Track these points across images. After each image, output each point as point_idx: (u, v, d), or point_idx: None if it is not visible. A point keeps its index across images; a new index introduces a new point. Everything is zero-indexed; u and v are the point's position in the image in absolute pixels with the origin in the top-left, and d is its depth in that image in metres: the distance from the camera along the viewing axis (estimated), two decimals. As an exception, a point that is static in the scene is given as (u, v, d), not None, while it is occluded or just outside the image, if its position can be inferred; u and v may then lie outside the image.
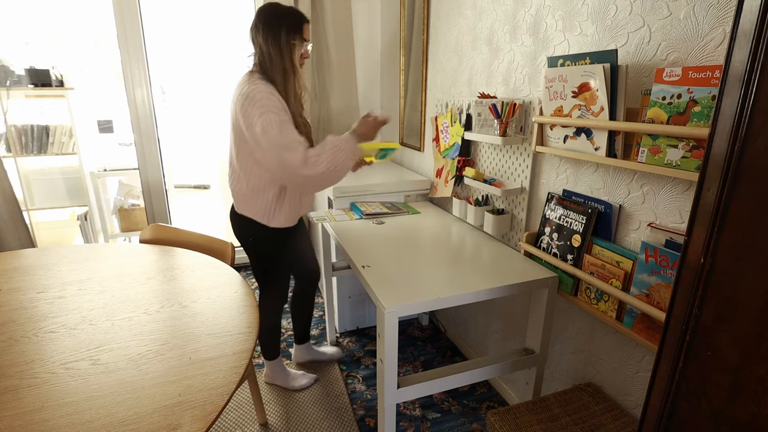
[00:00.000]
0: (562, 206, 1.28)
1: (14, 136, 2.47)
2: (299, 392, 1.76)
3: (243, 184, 1.39)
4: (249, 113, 1.24)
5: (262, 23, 1.30)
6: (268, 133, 1.23)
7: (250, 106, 1.24)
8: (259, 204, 1.41)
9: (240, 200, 1.43)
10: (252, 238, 1.49)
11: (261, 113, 1.23)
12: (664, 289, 0.97)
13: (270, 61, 1.31)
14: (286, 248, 1.55)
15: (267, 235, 1.47)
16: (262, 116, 1.23)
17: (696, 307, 0.57)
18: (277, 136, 1.24)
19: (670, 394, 0.62)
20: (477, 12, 1.68)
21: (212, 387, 0.77)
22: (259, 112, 1.23)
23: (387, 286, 1.20)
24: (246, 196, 1.41)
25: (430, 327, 2.29)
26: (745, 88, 0.48)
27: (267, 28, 1.29)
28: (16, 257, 1.35)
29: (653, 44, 1.00)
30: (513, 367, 1.35)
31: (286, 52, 1.31)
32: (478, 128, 1.60)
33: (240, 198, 1.43)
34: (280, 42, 1.30)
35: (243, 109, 1.26)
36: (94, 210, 2.80)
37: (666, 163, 0.94)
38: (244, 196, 1.41)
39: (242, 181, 1.39)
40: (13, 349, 0.88)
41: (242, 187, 1.40)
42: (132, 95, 2.42)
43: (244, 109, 1.26)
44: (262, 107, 1.24)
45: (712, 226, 0.54)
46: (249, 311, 1.03)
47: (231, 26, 2.95)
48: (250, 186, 1.38)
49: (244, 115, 1.26)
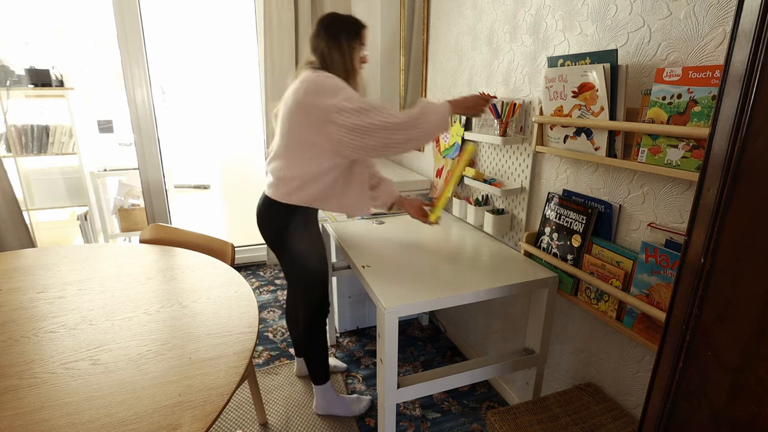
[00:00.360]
0: (562, 206, 1.28)
1: (14, 136, 2.47)
2: (299, 392, 1.76)
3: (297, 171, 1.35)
4: (325, 90, 1.26)
5: (323, 29, 1.36)
6: (352, 98, 1.25)
7: (324, 87, 1.27)
8: (318, 188, 1.37)
9: (289, 188, 1.37)
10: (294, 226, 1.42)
11: (339, 89, 1.27)
12: (664, 289, 0.97)
13: (331, 61, 1.35)
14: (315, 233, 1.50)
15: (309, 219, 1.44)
16: (342, 90, 1.26)
17: (696, 307, 0.57)
18: (359, 100, 1.26)
19: (670, 394, 0.62)
20: (477, 12, 1.68)
21: (212, 387, 0.77)
22: (336, 89, 1.26)
23: (387, 286, 1.20)
24: (300, 182, 1.36)
25: (430, 327, 2.29)
26: (745, 88, 0.48)
27: (327, 33, 1.35)
28: (16, 257, 1.35)
29: (653, 44, 1.00)
30: (513, 367, 1.35)
31: (347, 53, 1.36)
32: (478, 128, 1.60)
33: (290, 185, 1.37)
34: (341, 44, 1.35)
35: (313, 91, 1.27)
36: (94, 210, 2.80)
37: (666, 163, 0.94)
38: (296, 182, 1.36)
39: (295, 168, 1.35)
40: (13, 349, 0.88)
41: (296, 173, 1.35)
42: (132, 95, 2.42)
43: (315, 91, 1.27)
44: (336, 86, 1.27)
45: (712, 226, 0.54)
46: (249, 311, 1.03)
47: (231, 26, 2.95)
48: (307, 172, 1.35)
49: (318, 95, 1.26)
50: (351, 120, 1.23)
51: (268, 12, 2.34)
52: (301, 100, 1.28)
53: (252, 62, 2.70)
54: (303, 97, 1.28)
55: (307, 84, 1.28)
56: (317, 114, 1.26)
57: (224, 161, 3.26)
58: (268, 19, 2.35)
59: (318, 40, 1.37)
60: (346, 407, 1.64)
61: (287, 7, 2.34)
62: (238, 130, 3.21)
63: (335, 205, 1.44)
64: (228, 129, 3.19)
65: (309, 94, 1.27)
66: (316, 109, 1.26)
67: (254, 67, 2.58)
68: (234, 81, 3.07)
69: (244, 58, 2.95)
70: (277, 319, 2.33)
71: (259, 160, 2.96)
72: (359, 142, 1.26)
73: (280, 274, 2.92)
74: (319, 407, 1.64)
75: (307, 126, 1.29)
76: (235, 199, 3.34)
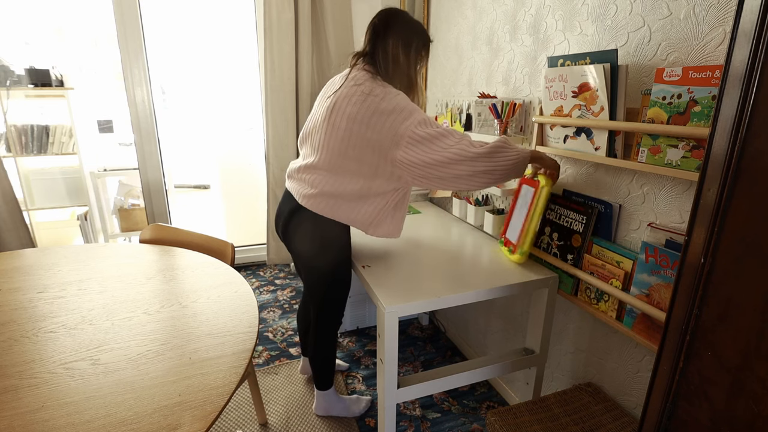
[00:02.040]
0: (562, 206, 1.28)
1: (14, 136, 2.46)
2: (299, 392, 1.76)
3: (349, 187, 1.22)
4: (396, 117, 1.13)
5: (397, 25, 1.22)
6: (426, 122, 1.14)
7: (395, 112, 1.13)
8: (364, 209, 1.25)
9: (334, 204, 1.24)
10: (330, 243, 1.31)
11: (411, 112, 1.14)
12: (664, 289, 0.97)
13: (395, 64, 1.22)
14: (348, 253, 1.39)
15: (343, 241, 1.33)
16: (414, 114, 1.14)
17: (696, 307, 0.57)
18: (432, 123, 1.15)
19: (670, 394, 0.62)
20: (477, 12, 1.68)
21: (212, 387, 0.77)
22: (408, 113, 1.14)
23: (387, 286, 1.20)
24: (349, 200, 1.23)
25: (430, 327, 2.29)
26: (745, 88, 0.48)
27: (401, 31, 1.22)
28: (16, 257, 1.35)
29: (653, 44, 1.00)
30: (513, 367, 1.35)
31: (413, 62, 1.26)
32: (478, 128, 1.60)
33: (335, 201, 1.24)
34: (410, 51, 1.23)
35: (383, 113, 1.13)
36: (94, 210, 2.80)
37: (666, 163, 0.94)
38: (344, 200, 1.23)
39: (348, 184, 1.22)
40: (13, 349, 0.88)
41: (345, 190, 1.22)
42: (132, 95, 2.42)
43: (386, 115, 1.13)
44: (408, 107, 1.15)
45: (712, 226, 0.54)
46: (249, 311, 1.03)
47: (231, 26, 2.94)
48: (357, 190, 1.22)
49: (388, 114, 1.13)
50: (422, 149, 1.11)
51: (268, 12, 2.34)
52: (366, 116, 1.14)
53: (252, 62, 2.70)
54: (368, 112, 1.14)
55: (372, 98, 1.14)
56: (385, 135, 1.13)
57: (224, 161, 3.26)
58: (268, 20, 2.35)
59: (385, 34, 1.21)
60: (345, 408, 1.64)
61: (287, 7, 2.34)
62: (238, 130, 3.20)
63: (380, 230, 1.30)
64: (228, 129, 3.19)
65: (377, 112, 1.13)
66: (384, 129, 1.13)
67: (254, 67, 2.58)
68: (234, 81, 3.07)
69: (244, 58, 2.95)
70: (277, 319, 2.33)
71: (259, 161, 2.96)
72: (424, 172, 1.13)
73: (280, 274, 2.92)
74: (319, 408, 1.63)
75: (369, 145, 1.15)
76: (235, 199, 3.34)
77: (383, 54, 1.21)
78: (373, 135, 1.14)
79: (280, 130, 2.55)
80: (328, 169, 1.22)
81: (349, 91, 1.18)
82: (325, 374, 1.57)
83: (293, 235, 1.35)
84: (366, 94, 1.15)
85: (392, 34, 1.21)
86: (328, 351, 1.52)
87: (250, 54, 2.71)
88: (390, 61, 1.21)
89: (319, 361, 1.54)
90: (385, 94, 1.15)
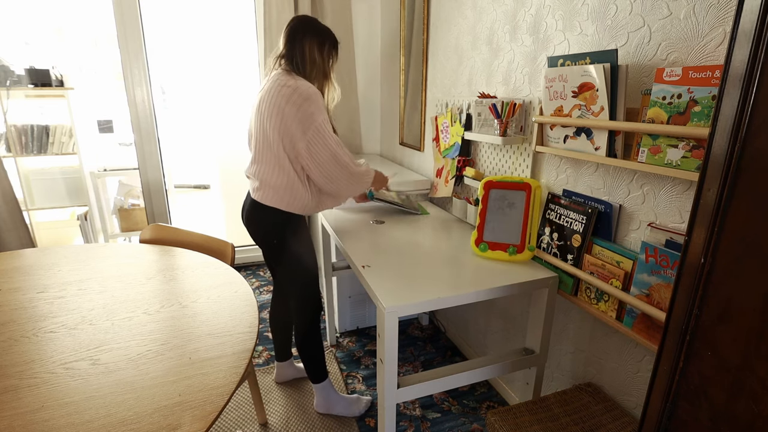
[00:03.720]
0: (562, 206, 1.28)
1: (14, 136, 2.47)
2: (299, 392, 1.76)
3: (281, 176, 1.39)
4: (306, 109, 1.30)
5: (310, 30, 1.40)
6: (325, 131, 1.33)
7: (306, 103, 1.30)
8: (295, 194, 1.41)
9: (272, 191, 1.40)
10: (279, 226, 1.45)
11: (319, 111, 1.32)
12: (664, 289, 0.97)
13: (311, 63, 1.40)
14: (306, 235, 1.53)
15: (292, 221, 1.46)
16: (321, 114, 1.33)
17: (696, 307, 0.57)
18: (332, 134, 1.35)
19: (670, 394, 0.62)
20: (477, 12, 1.68)
21: (212, 387, 0.77)
22: (317, 110, 1.32)
23: (387, 286, 1.20)
24: (283, 187, 1.40)
25: (430, 327, 2.29)
26: (745, 88, 0.48)
27: (313, 34, 1.40)
28: (16, 257, 1.35)
29: (653, 44, 1.00)
30: (513, 367, 1.34)
31: (327, 58, 1.44)
32: (478, 128, 1.60)
33: (273, 189, 1.40)
34: (324, 49, 1.42)
35: (297, 104, 1.30)
36: (94, 210, 2.80)
37: (666, 163, 0.94)
38: (281, 187, 1.40)
39: (279, 173, 1.39)
40: (13, 349, 0.88)
41: (280, 179, 1.39)
42: (132, 95, 2.42)
43: (298, 105, 1.30)
44: (318, 106, 1.32)
45: (712, 226, 0.54)
46: (249, 311, 1.03)
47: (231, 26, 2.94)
48: (289, 177, 1.39)
49: (300, 110, 1.30)
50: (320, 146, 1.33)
51: (268, 12, 2.34)
52: (285, 107, 1.30)
53: (252, 62, 2.70)
54: (289, 105, 1.30)
55: (294, 95, 1.30)
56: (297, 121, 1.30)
57: (224, 161, 3.26)
58: (268, 20, 2.35)
59: (302, 37, 1.38)
60: (346, 407, 1.64)
61: (287, 7, 2.34)
62: (238, 130, 3.21)
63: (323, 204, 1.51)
64: (228, 129, 3.19)
65: (296, 105, 1.30)
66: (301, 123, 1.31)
67: (254, 67, 2.58)
68: (234, 81, 3.07)
69: (244, 58, 2.95)
70: (277, 319, 2.33)
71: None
72: (317, 170, 1.36)
73: (280, 274, 2.92)
74: (319, 405, 1.64)
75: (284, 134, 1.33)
76: (235, 199, 3.32)
77: (301, 55, 1.39)
78: (282, 122, 1.31)
79: (280, 130, 2.55)
80: (260, 161, 1.40)
81: (270, 86, 1.35)
82: (316, 365, 1.59)
83: (248, 226, 1.51)
84: (280, 86, 1.32)
85: (308, 36, 1.39)
86: (313, 340, 1.56)
87: (250, 54, 2.71)
88: (307, 60, 1.39)
89: (307, 352, 1.57)
90: (297, 86, 1.31)
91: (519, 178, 1.39)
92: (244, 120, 3.14)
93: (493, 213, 1.42)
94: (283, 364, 1.82)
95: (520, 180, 1.37)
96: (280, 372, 1.83)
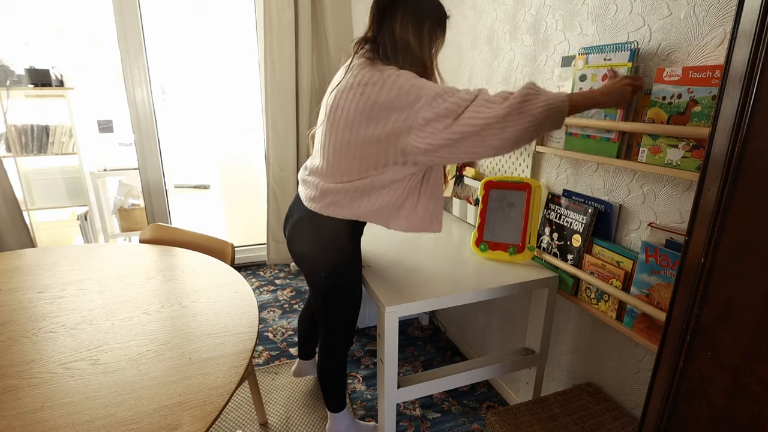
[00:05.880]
0: (562, 206, 1.28)
1: (14, 136, 2.46)
2: (299, 392, 1.76)
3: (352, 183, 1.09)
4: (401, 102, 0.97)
5: (401, 4, 1.03)
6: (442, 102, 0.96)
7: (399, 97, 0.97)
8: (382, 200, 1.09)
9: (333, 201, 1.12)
10: (327, 242, 1.19)
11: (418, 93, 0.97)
12: (664, 289, 0.97)
13: (405, 49, 1.03)
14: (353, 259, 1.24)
15: (342, 242, 1.19)
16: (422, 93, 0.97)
17: (696, 307, 0.57)
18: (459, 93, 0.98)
19: (670, 394, 0.62)
20: (477, 12, 1.68)
21: (212, 387, 0.77)
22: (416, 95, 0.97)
23: (387, 286, 1.20)
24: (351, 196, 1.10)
25: (430, 327, 2.29)
26: (745, 88, 0.48)
27: (408, 11, 1.03)
28: (16, 257, 1.35)
29: (653, 44, 1.00)
30: (513, 367, 1.35)
31: (426, 45, 1.06)
32: (478, 128, 1.60)
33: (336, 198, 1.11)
34: (422, 32, 1.04)
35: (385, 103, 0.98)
36: (94, 210, 2.80)
37: (666, 163, 0.94)
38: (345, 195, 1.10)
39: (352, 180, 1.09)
40: (13, 349, 0.88)
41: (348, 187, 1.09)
42: (132, 95, 2.42)
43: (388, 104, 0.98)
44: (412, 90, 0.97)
45: (712, 226, 0.54)
46: (249, 311, 1.03)
47: (231, 26, 2.94)
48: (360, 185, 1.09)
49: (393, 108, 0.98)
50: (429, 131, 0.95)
51: (268, 12, 2.34)
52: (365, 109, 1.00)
53: (252, 62, 2.70)
54: (367, 105, 1.00)
55: (371, 87, 1.00)
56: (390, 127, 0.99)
57: (224, 161, 3.26)
58: (268, 19, 2.35)
59: (391, 15, 1.03)
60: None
61: (287, 7, 2.34)
62: (238, 130, 3.20)
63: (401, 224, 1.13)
64: (228, 129, 3.19)
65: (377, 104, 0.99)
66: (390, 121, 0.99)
67: (254, 67, 2.58)
68: (234, 81, 3.07)
69: (244, 58, 2.95)
70: (277, 319, 2.33)
71: (259, 161, 2.96)
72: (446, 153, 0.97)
73: (280, 274, 2.92)
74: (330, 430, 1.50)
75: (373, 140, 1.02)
76: (235, 199, 3.34)
77: (390, 38, 1.03)
78: (375, 129, 1.00)
79: (280, 130, 2.55)
80: (331, 172, 1.11)
81: (347, 83, 1.04)
82: (336, 394, 1.42)
83: (293, 235, 1.26)
84: (364, 85, 1.00)
85: (399, 13, 1.02)
86: (336, 368, 1.38)
87: (250, 54, 2.71)
88: (398, 45, 1.03)
89: (328, 379, 1.40)
90: (385, 79, 0.98)
91: (519, 177, 1.39)
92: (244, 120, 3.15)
93: (493, 213, 1.42)
94: (307, 362, 1.78)
95: (520, 180, 1.37)
96: (301, 368, 1.78)
